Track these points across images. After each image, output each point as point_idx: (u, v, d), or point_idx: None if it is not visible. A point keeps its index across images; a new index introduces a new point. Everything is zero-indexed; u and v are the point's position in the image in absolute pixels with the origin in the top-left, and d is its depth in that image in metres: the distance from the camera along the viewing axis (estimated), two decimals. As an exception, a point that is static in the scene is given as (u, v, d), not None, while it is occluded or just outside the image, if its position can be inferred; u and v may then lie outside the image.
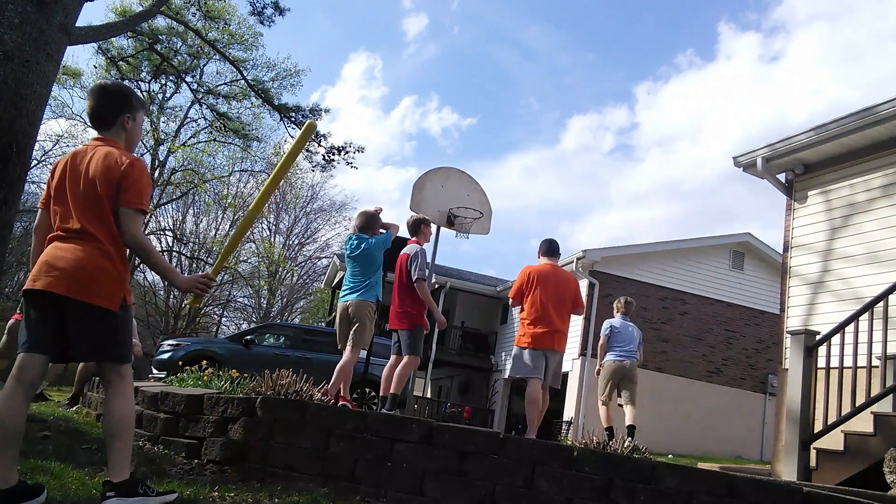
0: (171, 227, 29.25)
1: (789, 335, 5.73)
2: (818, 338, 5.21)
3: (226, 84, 22.55)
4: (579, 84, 68.04)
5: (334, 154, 14.64)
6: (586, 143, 66.43)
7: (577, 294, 5.43)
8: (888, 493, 3.89)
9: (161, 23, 18.49)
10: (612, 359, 6.58)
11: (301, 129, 3.30)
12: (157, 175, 24.99)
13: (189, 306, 3.43)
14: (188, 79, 21.08)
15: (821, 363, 5.19)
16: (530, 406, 5.11)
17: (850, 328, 4.96)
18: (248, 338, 11.30)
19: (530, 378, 5.14)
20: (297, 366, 5.50)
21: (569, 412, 15.15)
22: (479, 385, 21.39)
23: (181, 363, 9.23)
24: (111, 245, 2.58)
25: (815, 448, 4.96)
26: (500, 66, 66.51)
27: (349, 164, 14.57)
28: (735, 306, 16.93)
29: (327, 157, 14.74)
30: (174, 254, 28.32)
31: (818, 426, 5.03)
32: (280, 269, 33.43)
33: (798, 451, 4.95)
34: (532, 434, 5.02)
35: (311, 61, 58.05)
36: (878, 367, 4.85)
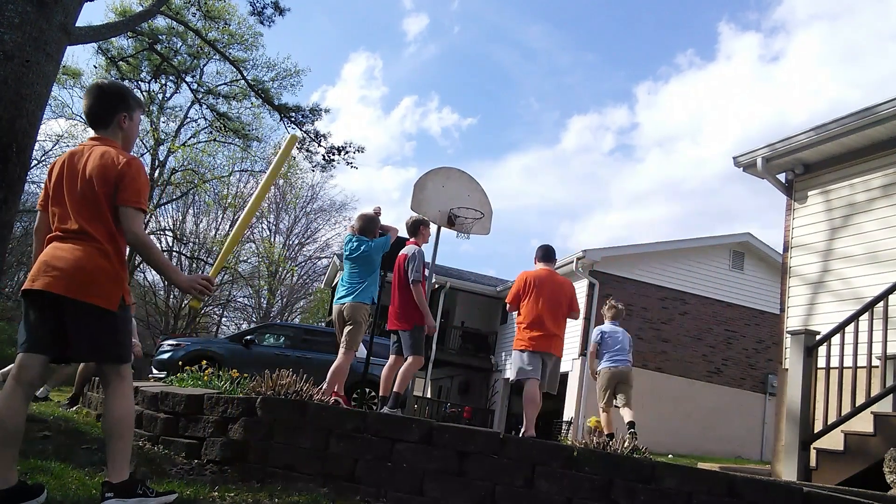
0: (171, 227, 29.26)
1: (789, 335, 5.73)
2: (818, 338, 5.22)
3: (226, 84, 22.59)
4: (579, 84, 68.11)
5: (334, 154, 14.67)
6: (586, 143, 66.50)
7: (572, 299, 5.56)
8: (888, 493, 3.89)
9: (161, 23, 18.50)
10: (608, 365, 6.71)
11: (283, 144, 3.30)
12: (157, 175, 25.00)
13: (189, 307, 3.45)
14: (188, 79, 21.12)
15: (821, 363, 5.19)
16: (528, 404, 5.23)
17: (850, 328, 4.96)
18: (248, 338, 11.31)
19: (528, 379, 5.28)
20: (297, 366, 5.50)
21: (569, 412, 15.15)
22: (479, 385, 21.39)
23: (181, 363, 9.24)
24: (109, 245, 2.57)
25: (815, 448, 4.96)
26: (500, 66, 66.58)
27: (349, 164, 14.61)
28: (735, 306, 16.92)
29: (327, 157, 14.77)
30: (174, 254, 28.30)
31: (818, 426, 5.03)
32: (280, 269, 33.43)
33: (798, 451, 4.95)
34: (530, 431, 5.10)
35: (311, 61, 58.08)
36: (878, 367, 4.85)
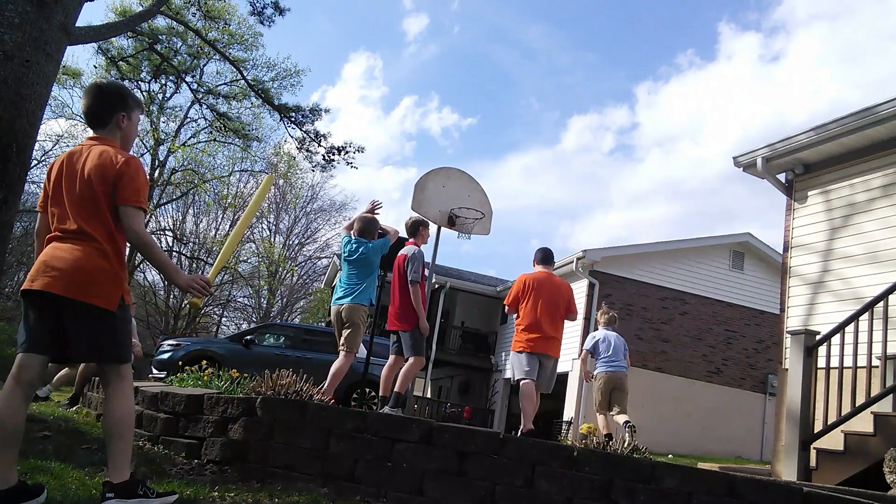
0: (171, 227, 29.28)
1: (789, 335, 5.73)
2: (818, 338, 5.22)
3: (226, 84, 22.59)
4: (579, 84, 68.11)
5: (334, 154, 14.66)
6: (586, 143, 66.49)
7: (570, 301, 5.64)
8: (888, 493, 3.89)
9: (161, 23, 18.50)
10: (604, 370, 6.82)
11: (261, 183, 3.34)
12: (157, 175, 25.00)
13: (190, 305, 3.48)
14: (188, 79, 21.12)
15: (821, 363, 5.19)
16: (524, 400, 5.35)
17: (850, 328, 4.96)
18: (248, 338, 11.30)
19: (524, 380, 5.38)
20: (297, 366, 5.50)
21: (569, 412, 15.14)
22: (479, 385, 21.39)
23: (181, 363, 9.23)
24: (108, 245, 2.57)
25: (815, 448, 4.96)
26: (501, 66, 66.58)
27: (349, 164, 14.61)
28: (735, 306, 16.92)
29: (327, 157, 14.76)
30: (174, 254, 28.30)
31: (818, 426, 5.03)
32: (280, 269, 33.43)
33: (798, 451, 4.95)
34: (527, 426, 5.18)
35: (312, 61, 58.09)
36: (878, 367, 4.85)
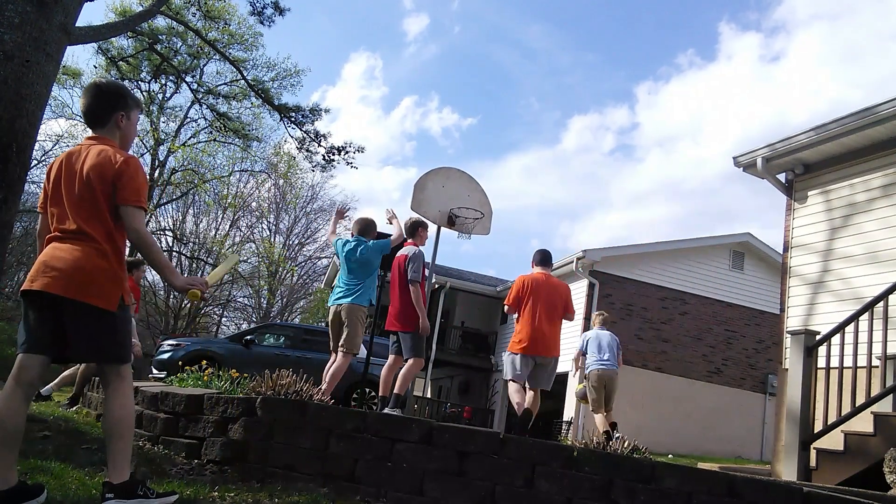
0: (171, 227, 29.25)
1: (789, 335, 5.73)
2: (818, 338, 5.22)
3: (226, 84, 22.58)
4: (579, 84, 68.10)
5: (334, 154, 14.67)
6: (586, 143, 66.49)
7: (568, 301, 5.71)
8: (888, 493, 3.89)
9: (161, 23, 18.50)
10: (597, 368, 6.92)
11: (226, 259, 3.39)
12: (157, 175, 24.99)
13: (189, 300, 3.49)
14: (188, 79, 21.12)
15: (821, 363, 5.19)
16: (512, 396, 5.53)
17: (850, 328, 4.96)
18: (248, 338, 11.29)
19: (511, 381, 5.51)
20: (297, 366, 5.51)
21: (569, 412, 15.14)
22: (479, 385, 21.39)
23: (181, 363, 9.23)
24: (108, 245, 2.57)
25: (815, 448, 4.96)
26: (501, 66, 66.57)
27: (349, 164, 14.61)
28: (735, 306, 16.91)
29: (327, 157, 14.76)
30: (174, 254, 28.30)
31: (818, 426, 5.03)
32: (280, 269, 33.41)
33: (798, 451, 4.95)
34: (519, 411, 5.31)
35: (312, 61, 58.05)
36: (878, 367, 4.85)
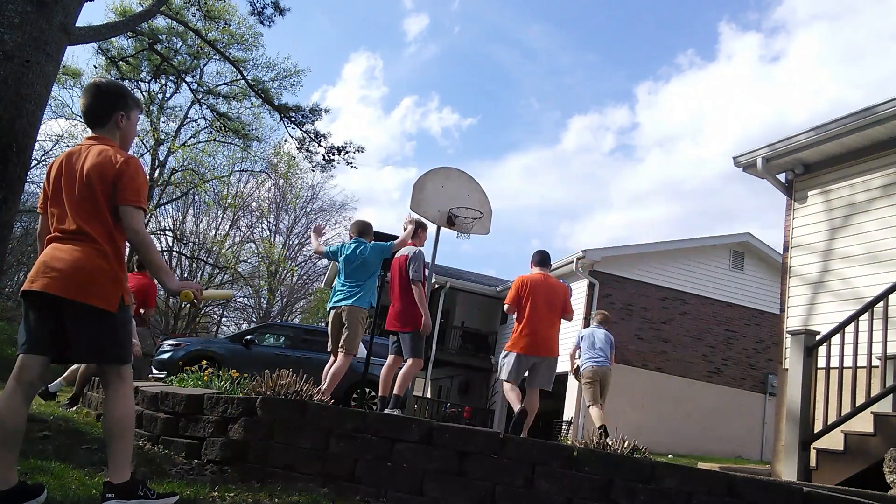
0: (171, 227, 29.24)
1: (789, 335, 5.73)
2: (818, 338, 5.22)
3: (226, 84, 22.58)
4: (580, 84, 68.10)
5: (334, 154, 14.66)
6: (587, 143, 66.50)
7: (566, 301, 5.75)
8: (888, 493, 3.89)
9: (161, 23, 18.50)
10: (591, 365, 7.05)
11: (224, 289, 3.35)
12: (157, 175, 24.98)
13: (182, 300, 3.50)
14: (188, 79, 21.12)
15: (821, 363, 5.19)
16: (507, 395, 5.60)
17: (850, 328, 4.96)
18: (248, 338, 11.29)
19: (505, 381, 5.58)
20: (297, 366, 5.51)
21: (569, 412, 15.13)
22: (479, 385, 21.38)
23: (181, 363, 9.23)
24: (108, 245, 2.57)
25: (815, 448, 4.96)
26: (501, 66, 66.57)
27: (349, 164, 14.61)
28: (735, 306, 16.91)
29: (327, 157, 14.76)
30: (174, 254, 28.30)
31: (818, 426, 5.03)
32: (280, 269, 33.41)
33: (798, 451, 4.95)
34: (515, 409, 5.36)
35: (312, 61, 58.10)
36: (878, 367, 4.85)
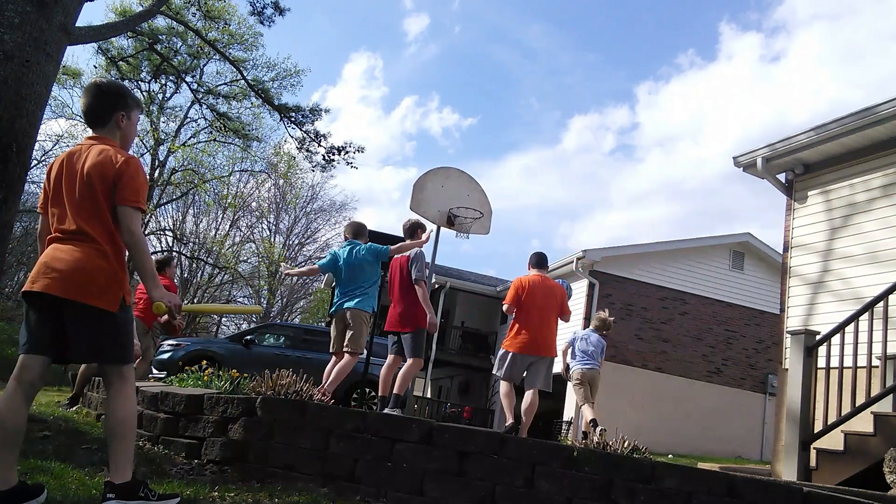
0: (171, 227, 29.26)
1: (789, 335, 5.73)
2: (818, 338, 5.22)
3: (226, 84, 22.60)
4: (580, 84, 68.11)
5: (334, 154, 14.66)
6: (587, 143, 66.51)
7: (563, 303, 5.81)
8: (888, 493, 3.90)
9: (161, 23, 18.50)
10: (581, 368, 7.19)
11: (249, 307, 3.34)
12: (157, 175, 24.99)
13: (154, 311, 3.44)
14: (188, 79, 21.13)
15: (821, 363, 5.19)
16: (502, 398, 5.64)
17: (850, 328, 4.96)
18: (248, 338, 11.29)
19: (502, 381, 5.62)
20: (297, 366, 5.50)
21: (568, 412, 15.14)
22: (479, 385, 21.39)
23: (181, 363, 9.23)
24: (108, 245, 2.56)
25: (815, 448, 4.96)
26: (501, 66, 66.57)
27: (349, 164, 14.61)
28: (735, 306, 16.91)
29: (327, 158, 14.76)
30: (174, 254, 28.30)
31: (818, 426, 5.03)
32: (280, 269, 33.41)
33: (798, 451, 4.95)
34: (509, 419, 5.42)
35: (312, 61, 58.09)
36: (878, 367, 4.85)
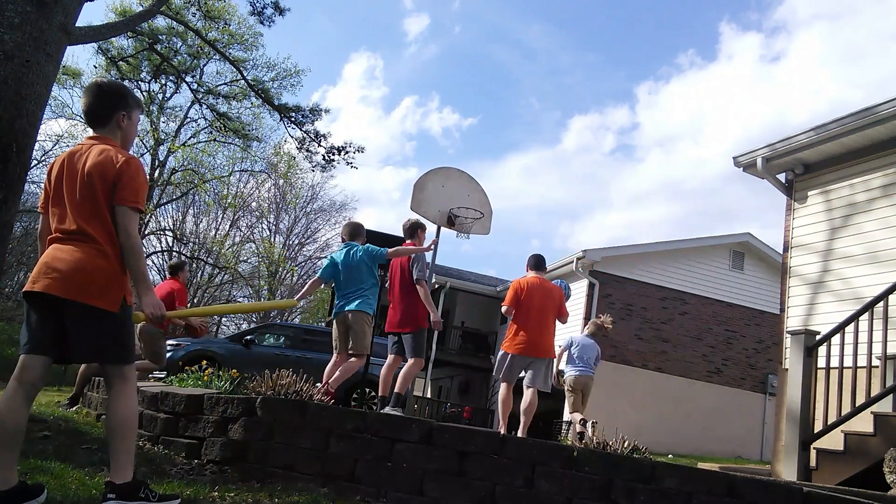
0: (171, 227, 29.25)
1: (789, 335, 5.73)
2: (818, 338, 5.22)
3: (226, 84, 22.60)
4: (580, 84, 68.11)
5: (334, 154, 14.65)
6: (587, 143, 66.52)
7: (561, 304, 5.82)
8: (888, 493, 3.90)
9: (161, 23, 18.51)
10: (574, 373, 7.23)
11: (282, 300, 3.28)
12: (157, 175, 24.99)
13: (133, 320, 3.28)
14: (188, 79, 21.13)
15: (821, 363, 5.19)
16: (500, 405, 5.68)
17: (850, 328, 4.96)
18: (248, 338, 11.28)
19: (501, 382, 5.63)
20: (297, 366, 5.50)
21: (568, 413, 15.15)
22: (479, 385, 21.38)
23: (181, 363, 9.22)
24: (109, 245, 2.56)
25: (815, 448, 4.96)
26: (501, 66, 66.58)
27: (349, 164, 14.60)
28: (735, 306, 16.91)
29: (327, 157, 14.75)
30: (174, 253, 28.29)
31: (818, 426, 5.03)
32: (280, 269, 33.42)
33: (798, 451, 4.95)
34: (501, 430, 5.20)
35: (312, 61, 58.11)
36: (878, 367, 4.85)
